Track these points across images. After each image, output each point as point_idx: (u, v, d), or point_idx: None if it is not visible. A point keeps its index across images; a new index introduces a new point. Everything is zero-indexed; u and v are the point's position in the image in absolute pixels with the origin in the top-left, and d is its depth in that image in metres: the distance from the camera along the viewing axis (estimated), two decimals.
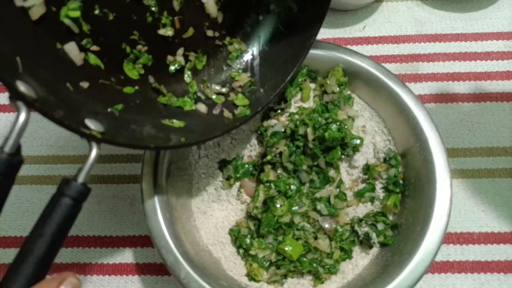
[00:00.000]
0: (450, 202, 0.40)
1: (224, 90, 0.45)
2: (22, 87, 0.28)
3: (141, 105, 0.39)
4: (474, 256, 0.47)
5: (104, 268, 0.49)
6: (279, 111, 0.47)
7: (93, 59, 0.38)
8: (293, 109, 0.47)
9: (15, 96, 0.27)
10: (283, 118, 0.47)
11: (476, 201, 0.49)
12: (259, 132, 0.48)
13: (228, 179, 0.47)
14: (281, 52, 0.44)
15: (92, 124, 0.31)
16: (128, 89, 0.40)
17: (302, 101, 0.48)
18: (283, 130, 0.45)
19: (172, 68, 0.43)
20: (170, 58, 0.43)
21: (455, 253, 0.47)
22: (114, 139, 0.32)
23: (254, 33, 0.46)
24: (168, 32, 0.41)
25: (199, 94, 0.44)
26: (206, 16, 0.43)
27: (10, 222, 0.52)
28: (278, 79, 0.43)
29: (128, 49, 0.40)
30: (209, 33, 0.44)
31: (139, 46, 0.40)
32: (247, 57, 0.46)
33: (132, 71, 0.40)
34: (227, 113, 0.42)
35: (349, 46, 0.56)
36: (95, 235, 0.51)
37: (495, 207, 0.49)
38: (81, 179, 0.30)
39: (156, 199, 0.41)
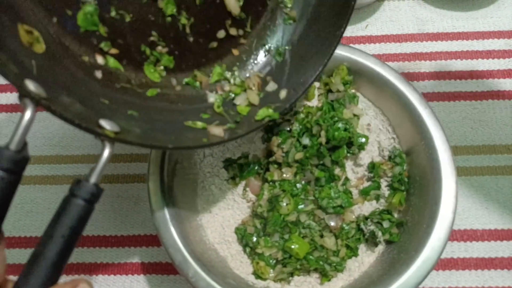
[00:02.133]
0: (455, 199, 0.40)
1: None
2: (31, 85, 0.28)
3: (163, 108, 0.39)
4: (478, 253, 0.47)
5: (109, 267, 0.49)
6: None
7: (112, 63, 0.38)
8: (297, 108, 0.48)
9: (22, 93, 0.27)
10: (288, 117, 0.47)
11: (479, 199, 0.50)
12: (264, 130, 0.48)
13: (233, 178, 0.47)
14: (308, 47, 0.43)
15: (107, 124, 0.31)
16: (150, 92, 0.39)
17: (307, 99, 0.48)
18: (288, 129, 0.46)
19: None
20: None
21: (459, 250, 0.48)
22: (128, 138, 0.32)
23: (278, 28, 0.44)
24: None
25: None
26: (227, 14, 0.42)
27: (14, 222, 0.52)
28: (306, 76, 0.41)
29: (148, 51, 0.40)
30: (233, 31, 0.43)
31: (159, 48, 0.40)
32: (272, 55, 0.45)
33: (154, 73, 0.40)
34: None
35: (351, 45, 0.56)
36: (100, 234, 0.51)
37: (498, 204, 0.49)
38: (93, 179, 0.29)
39: (163, 198, 0.41)
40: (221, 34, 0.43)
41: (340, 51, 0.47)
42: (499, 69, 0.55)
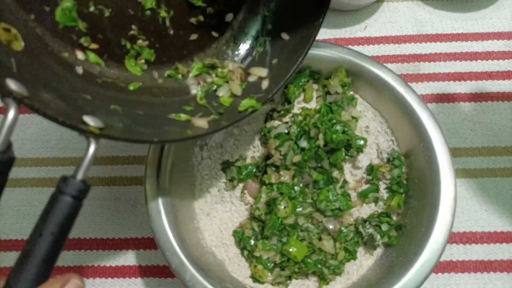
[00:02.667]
0: (454, 202, 0.40)
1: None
2: (12, 85, 0.28)
3: (145, 101, 0.39)
4: (477, 255, 0.47)
5: (106, 270, 0.49)
6: (282, 112, 0.47)
7: (92, 58, 0.37)
8: (296, 110, 0.47)
9: (4, 93, 0.27)
10: (286, 119, 0.46)
11: (478, 201, 0.49)
12: (262, 133, 0.47)
13: (231, 180, 0.47)
14: (287, 39, 0.43)
15: (91, 121, 0.31)
16: (133, 86, 0.39)
17: (305, 101, 0.48)
18: (286, 131, 0.45)
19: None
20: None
21: (458, 252, 0.47)
22: (113, 134, 0.32)
23: (258, 19, 0.44)
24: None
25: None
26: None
27: (11, 225, 0.51)
28: (287, 67, 0.41)
29: (128, 45, 0.39)
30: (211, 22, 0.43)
31: (140, 41, 0.40)
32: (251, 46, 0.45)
33: (135, 67, 0.40)
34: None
35: (350, 47, 0.55)
36: (97, 237, 0.50)
37: (498, 207, 0.49)
38: (80, 176, 0.29)
39: (160, 201, 0.41)
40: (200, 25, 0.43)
41: (338, 53, 0.47)
42: (498, 70, 0.55)
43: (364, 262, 0.44)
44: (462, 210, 0.49)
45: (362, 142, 0.45)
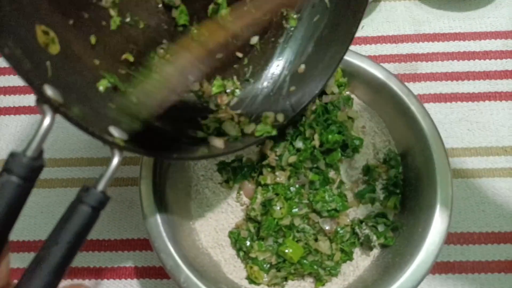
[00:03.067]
0: (451, 203, 0.40)
1: None
2: (49, 91, 0.28)
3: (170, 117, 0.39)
4: (475, 256, 0.47)
5: (102, 272, 0.49)
6: None
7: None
8: None
9: (42, 99, 0.27)
10: None
11: (476, 201, 0.49)
12: None
13: (227, 181, 0.47)
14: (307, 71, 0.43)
15: (116, 132, 0.31)
16: None
17: None
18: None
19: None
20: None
21: (455, 253, 0.47)
22: (137, 147, 0.32)
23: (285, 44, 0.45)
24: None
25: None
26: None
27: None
28: (304, 97, 0.41)
29: (156, 58, 0.40)
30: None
31: (168, 56, 0.40)
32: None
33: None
34: None
35: None
36: (93, 238, 0.50)
37: (495, 207, 0.49)
38: (101, 187, 0.29)
39: (155, 202, 0.41)
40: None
41: None
42: (496, 70, 0.55)
43: (360, 263, 0.44)
44: (459, 211, 0.49)
45: (358, 142, 0.45)
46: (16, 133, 0.56)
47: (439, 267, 0.47)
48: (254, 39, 0.44)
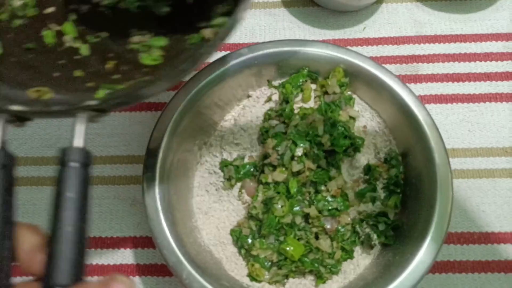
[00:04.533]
0: (451, 202, 0.40)
1: None
2: None
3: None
4: (475, 256, 0.47)
5: (104, 269, 0.49)
6: (280, 111, 0.47)
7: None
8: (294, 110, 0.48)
9: None
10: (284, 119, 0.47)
11: (476, 201, 0.49)
12: (260, 132, 0.48)
13: (229, 179, 0.47)
14: None
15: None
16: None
17: (303, 101, 0.48)
18: (284, 131, 0.46)
19: None
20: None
21: (455, 253, 0.47)
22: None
23: None
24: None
25: None
26: None
27: None
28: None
29: None
30: None
31: None
32: None
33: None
34: None
35: (349, 47, 0.56)
36: (96, 236, 0.51)
37: (495, 207, 0.49)
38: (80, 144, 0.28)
39: (157, 200, 0.41)
40: None
41: (336, 53, 0.47)
42: (497, 71, 0.55)
43: (361, 261, 0.44)
44: (459, 211, 0.49)
45: (359, 142, 0.45)
46: None
47: (439, 267, 0.47)
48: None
